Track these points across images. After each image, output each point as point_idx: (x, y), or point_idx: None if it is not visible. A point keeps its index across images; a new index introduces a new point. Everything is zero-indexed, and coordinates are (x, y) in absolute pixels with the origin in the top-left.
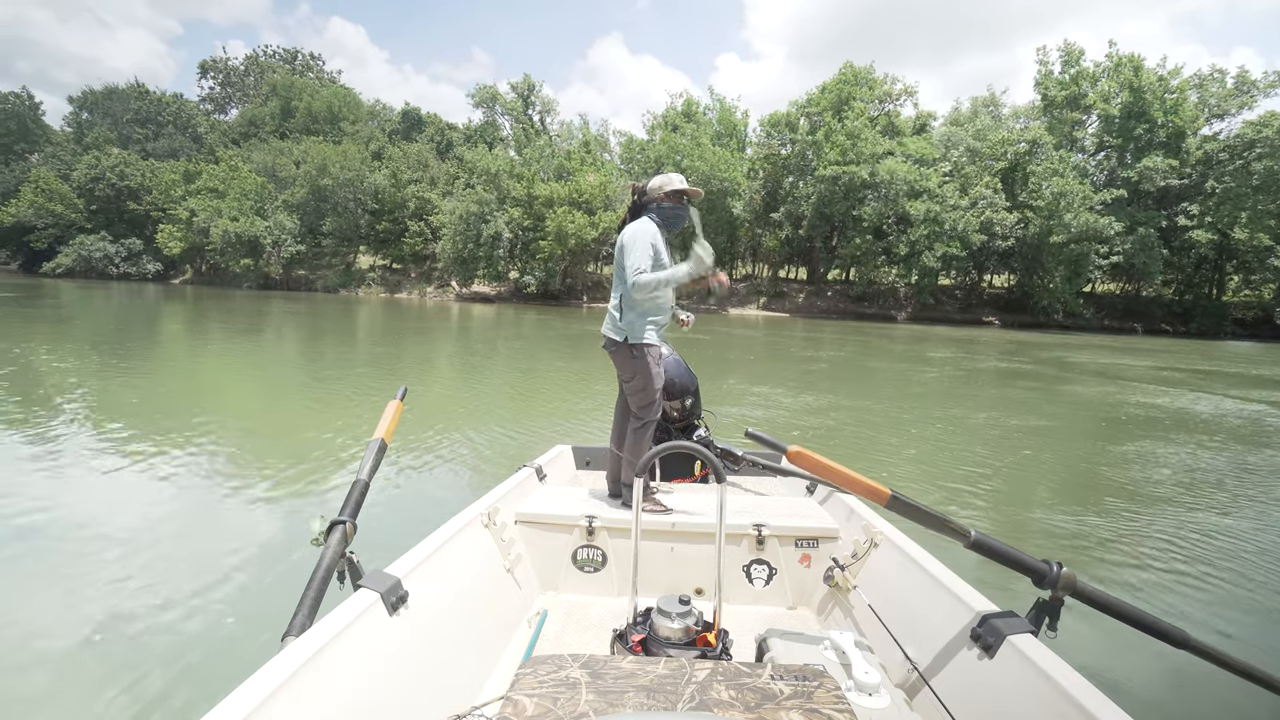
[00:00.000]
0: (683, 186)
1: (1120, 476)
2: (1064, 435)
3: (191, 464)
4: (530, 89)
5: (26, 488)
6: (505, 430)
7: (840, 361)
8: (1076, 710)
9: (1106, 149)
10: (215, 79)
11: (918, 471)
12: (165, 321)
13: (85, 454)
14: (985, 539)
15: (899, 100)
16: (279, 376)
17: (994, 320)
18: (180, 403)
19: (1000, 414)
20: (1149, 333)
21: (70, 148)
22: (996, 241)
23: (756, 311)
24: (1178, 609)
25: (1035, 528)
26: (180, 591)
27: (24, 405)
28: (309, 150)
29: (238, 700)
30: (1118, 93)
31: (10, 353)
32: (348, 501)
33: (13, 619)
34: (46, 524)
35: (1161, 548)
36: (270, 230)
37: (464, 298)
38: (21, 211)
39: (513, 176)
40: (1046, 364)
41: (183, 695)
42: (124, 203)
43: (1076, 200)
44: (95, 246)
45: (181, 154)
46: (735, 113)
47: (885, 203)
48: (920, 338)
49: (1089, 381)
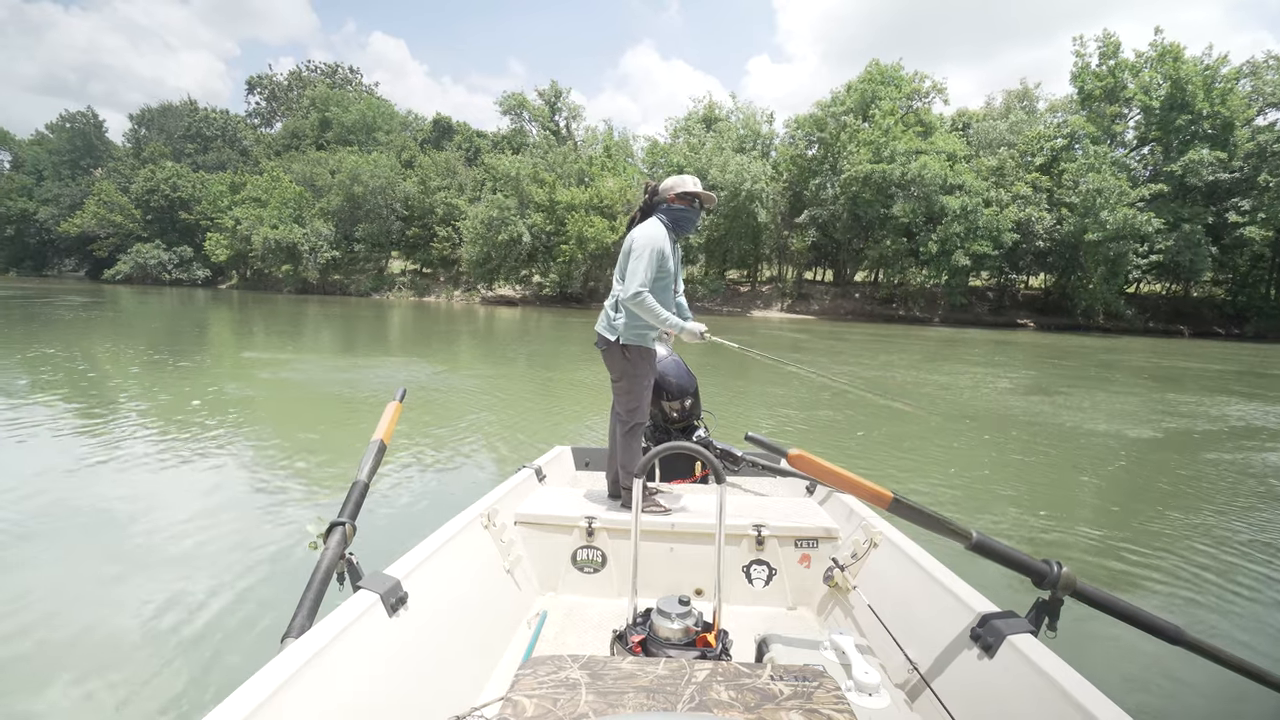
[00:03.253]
0: (695, 189)
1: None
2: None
3: (206, 461)
4: (557, 95)
5: (62, 478)
6: (516, 427)
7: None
8: (1076, 710)
9: (1149, 143)
10: (261, 94)
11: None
12: (213, 325)
13: (112, 444)
14: (987, 541)
15: (928, 97)
16: (311, 376)
17: (1029, 323)
18: (211, 402)
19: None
20: (1198, 335)
21: (129, 162)
22: (1032, 240)
23: (780, 314)
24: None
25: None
26: (181, 590)
27: (77, 397)
28: (343, 160)
29: (237, 701)
30: (1161, 84)
31: (73, 354)
32: (347, 502)
33: (12, 615)
34: (69, 513)
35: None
36: (307, 237)
37: (488, 301)
38: (86, 222)
39: (534, 182)
40: (1123, 369)
41: (183, 695)
42: (176, 213)
43: (1113, 196)
44: (150, 254)
45: (229, 166)
46: (758, 116)
47: (916, 201)
48: (988, 342)
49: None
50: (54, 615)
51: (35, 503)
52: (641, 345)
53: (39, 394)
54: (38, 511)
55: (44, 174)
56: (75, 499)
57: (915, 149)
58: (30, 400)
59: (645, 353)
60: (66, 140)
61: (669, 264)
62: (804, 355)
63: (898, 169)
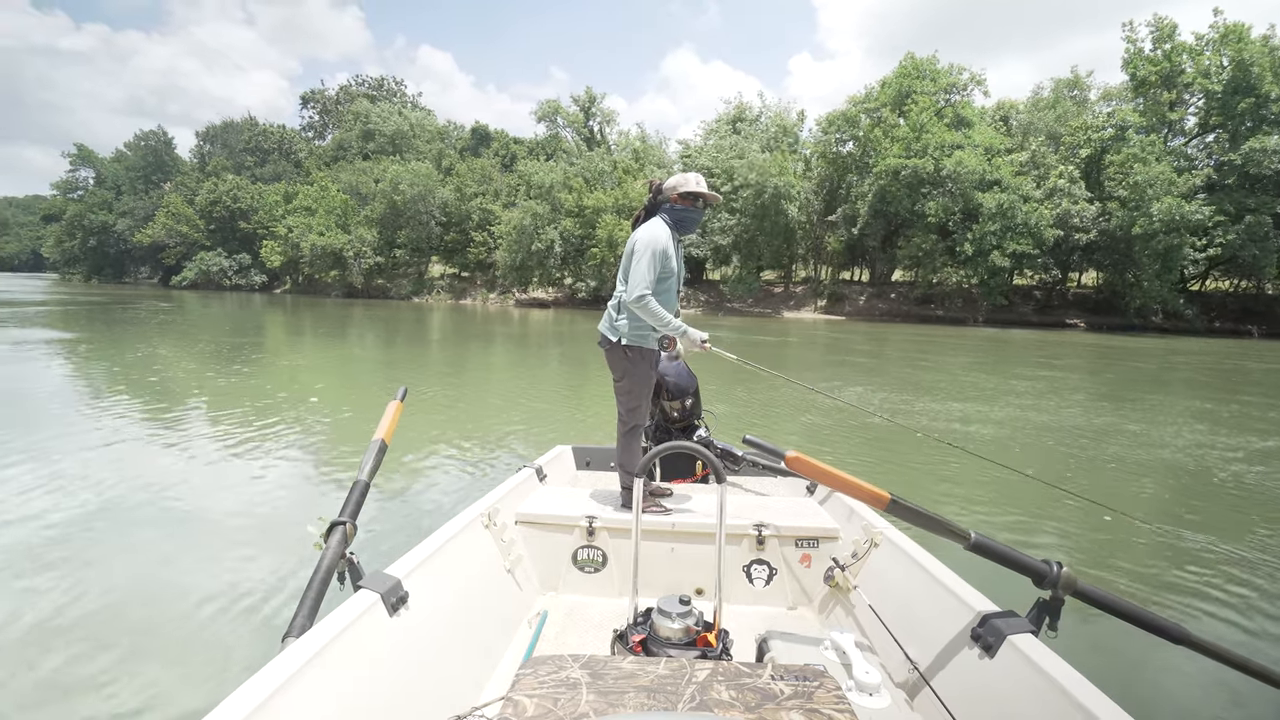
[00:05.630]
0: (698, 189)
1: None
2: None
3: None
4: (591, 101)
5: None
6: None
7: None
8: (1077, 710)
9: (1212, 130)
10: (314, 109)
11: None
12: (269, 327)
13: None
14: (985, 541)
15: (966, 90)
16: (354, 373)
17: (1079, 323)
18: (253, 395)
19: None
20: (1270, 335)
21: (195, 175)
22: (1076, 236)
23: (813, 315)
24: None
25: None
26: (181, 590)
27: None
28: (386, 169)
29: (238, 701)
30: (1223, 66)
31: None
32: (348, 502)
33: (10, 613)
34: (93, 504)
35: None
36: (351, 244)
37: (522, 303)
38: (156, 233)
39: (565, 188)
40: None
41: (182, 696)
42: (236, 222)
43: (1161, 187)
44: (213, 261)
45: (283, 177)
46: (789, 114)
47: (952, 198)
48: (1038, 344)
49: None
50: (51, 607)
51: (198, 481)
52: (643, 346)
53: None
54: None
55: (122, 189)
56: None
57: (951, 143)
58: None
59: (647, 353)
60: (141, 157)
61: (671, 264)
62: (835, 356)
63: (929, 164)
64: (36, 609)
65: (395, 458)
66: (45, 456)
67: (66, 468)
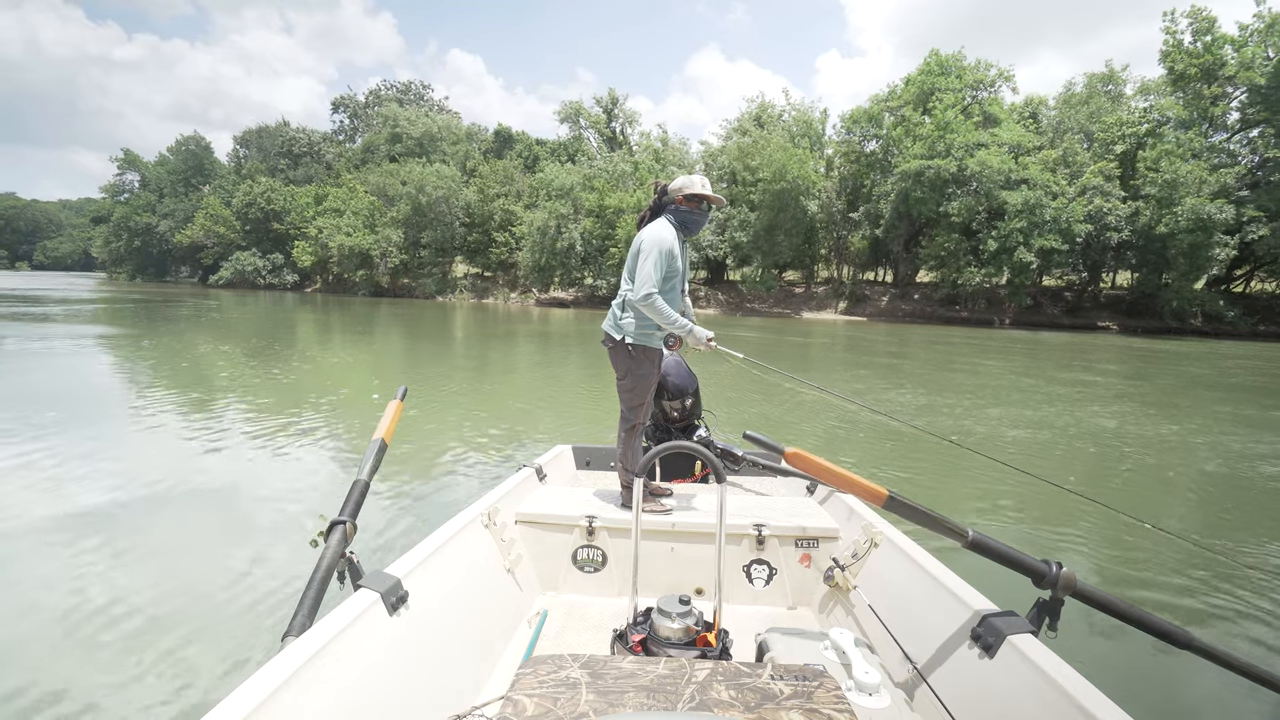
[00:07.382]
0: (703, 191)
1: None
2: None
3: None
4: (614, 102)
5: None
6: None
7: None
8: (1076, 710)
9: (1257, 124)
10: (345, 113)
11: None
12: (305, 324)
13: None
14: (984, 539)
15: (994, 86)
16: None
17: (1111, 325)
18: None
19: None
20: None
21: (231, 178)
22: (1108, 234)
23: (834, 315)
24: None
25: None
26: (182, 588)
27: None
28: (411, 171)
29: (238, 700)
30: (1269, 59)
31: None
32: (348, 501)
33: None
34: (114, 499)
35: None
36: (378, 244)
37: (543, 302)
38: (195, 233)
39: (585, 189)
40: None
41: (182, 695)
42: (269, 223)
43: (1192, 185)
44: (248, 261)
45: (314, 179)
46: (812, 111)
47: (976, 197)
48: (1079, 349)
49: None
50: (51, 605)
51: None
52: (647, 345)
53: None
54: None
55: (164, 191)
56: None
57: (976, 142)
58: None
59: (650, 352)
60: (182, 161)
61: (677, 264)
62: (856, 355)
63: (953, 164)
64: (56, 594)
65: (395, 457)
66: (153, 441)
67: (186, 453)
